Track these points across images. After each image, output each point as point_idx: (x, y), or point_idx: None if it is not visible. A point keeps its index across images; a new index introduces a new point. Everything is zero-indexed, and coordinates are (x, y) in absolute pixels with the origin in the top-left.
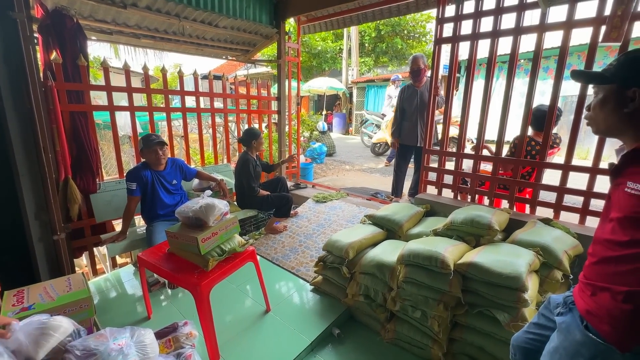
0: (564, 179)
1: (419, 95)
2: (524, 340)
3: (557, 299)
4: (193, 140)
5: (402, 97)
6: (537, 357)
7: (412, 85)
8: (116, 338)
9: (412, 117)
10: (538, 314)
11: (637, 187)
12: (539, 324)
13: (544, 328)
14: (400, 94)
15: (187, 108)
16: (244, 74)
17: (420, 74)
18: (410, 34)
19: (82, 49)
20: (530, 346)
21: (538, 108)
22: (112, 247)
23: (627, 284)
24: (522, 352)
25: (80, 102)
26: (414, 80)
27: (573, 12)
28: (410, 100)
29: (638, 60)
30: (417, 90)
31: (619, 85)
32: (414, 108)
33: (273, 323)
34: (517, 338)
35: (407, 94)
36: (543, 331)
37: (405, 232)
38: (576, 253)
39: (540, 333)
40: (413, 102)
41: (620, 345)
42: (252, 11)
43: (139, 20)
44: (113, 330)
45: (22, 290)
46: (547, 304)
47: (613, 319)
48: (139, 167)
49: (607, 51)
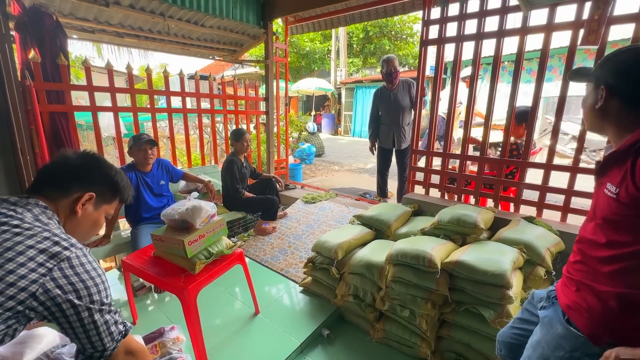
0: (546, 177)
1: (392, 97)
2: (509, 336)
3: (540, 294)
4: (180, 141)
5: (376, 100)
6: (522, 351)
7: (385, 88)
8: None
9: (386, 120)
10: (522, 309)
11: (614, 189)
12: (523, 319)
13: (528, 323)
14: (375, 97)
15: (173, 109)
16: (232, 74)
17: (395, 76)
18: (398, 35)
19: (62, 47)
20: (515, 341)
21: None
22: (96, 251)
23: (607, 285)
24: (507, 347)
25: (60, 103)
26: (387, 83)
27: (553, 15)
28: (385, 103)
29: (609, 60)
30: (390, 93)
31: (595, 83)
32: (389, 111)
33: (262, 325)
34: (503, 334)
35: (381, 96)
36: (527, 326)
37: (393, 231)
38: (558, 250)
39: (524, 328)
40: (388, 105)
41: (595, 338)
42: (239, 11)
43: (122, 19)
44: None
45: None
46: (531, 299)
47: (592, 315)
48: (123, 168)
49: (586, 54)
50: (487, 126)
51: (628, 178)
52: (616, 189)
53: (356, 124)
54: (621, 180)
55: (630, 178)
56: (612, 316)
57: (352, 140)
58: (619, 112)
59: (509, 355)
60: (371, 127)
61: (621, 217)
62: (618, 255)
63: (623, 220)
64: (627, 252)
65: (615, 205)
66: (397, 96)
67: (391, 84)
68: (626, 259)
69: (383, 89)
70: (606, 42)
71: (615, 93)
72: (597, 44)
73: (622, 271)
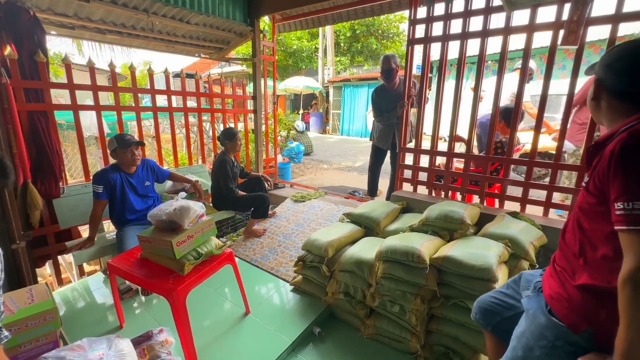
0: (529, 174)
1: (392, 99)
2: (487, 303)
3: (528, 278)
4: (166, 140)
5: (375, 98)
6: (495, 318)
7: (385, 87)
8: (95, 349)
9: (387, 121)
10: (507, 284)
11: (586, 179)
12: (504, 292)
13: (508, 297)
14: (374, 95)
15: (159, 107)
16: (218, 73)
17: (393, 74)
18: (385, 34)
19: (41, 44)
20: (491, 308)
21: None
22: (79, 254)
23: (581, 275)
24: (482, 312)
25: (39, 101)
26: (386, 81)
27: (535, 16)
28: (385, 103)
29: (605, 55)
30: (391, 94)
31: (595, 77)
32: (389, 111)
33: (253, 325)
34: (481, 300)
35: (381, 95)
36: (506, 299)
37: (382, 229)
38: (541, 243)
39: (503, 300)
40: (388, 106)
41: (574, 327)
42: (225, 8)
43: (104, 15)
44: (91, 340)
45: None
46: (518, 279)
47: (571, 304)
48: (107, 169)
49: (566, 54)
50: (472, 125)
51: (596, 169)
52: (587, 179)
53: (344, 123)
54: (591, 172)
55: (598, 169)
56: (587, 306)
57: (340, 138)
58: (607, 104)
59: (482, 319)
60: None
61: (590, 207)
62: (587, 247)
63: (591, 209)
64: (591, 244)
65: (586, 195)
66: (399, 96)
67: (390, 83)
68: (592, 251)
69: (383, 89)
70: (584, 43)
71: (603, 86)
72: (577, 44)
73: (591, 263)
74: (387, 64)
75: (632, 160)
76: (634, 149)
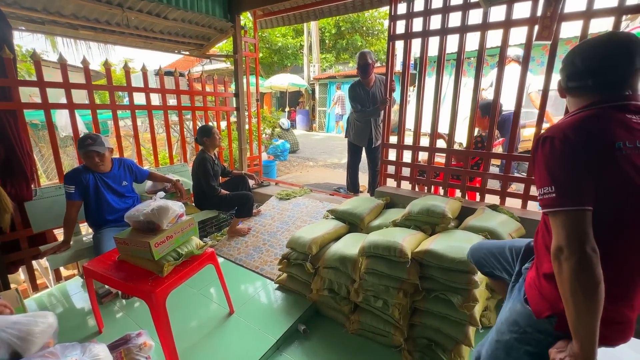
0: (508, 167)
1: (370, 96)
2: (478, 257)
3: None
4: (147, 140)
5: (353, 93)
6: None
7: (362, 84)
8: (67, 355)
9: (362, 118)
10: (503, 249)
11: None
12: (494, 254)
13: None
14: (351, 92)
15: (136, 105)
16: (200, 70)
17: (369, 69)
18: (369, 31)
19: (6, 39)
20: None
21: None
22: (54, 258)
23: (548, 265)
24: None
25: (6, 100)
26: (363, 76)
27: (511, 12)
28: (362, 101)
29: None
30: (369, 91)
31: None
32: (366, 109)
33: (237, 325)
34: (475, 252)
35: (359, 92)
36: (493, 259)
37: (366, 224)
38: (519, 235)
39: (489, 260)
40: (365, 103)
41: (538, 313)
42: (203, 3)
43: (76, 10)
44: (64, 346)
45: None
46: (513, 251)
47: (541, 293)
48: (79, 168)
49: (544, 50)
50: (454, 121)
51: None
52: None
53: (330, 120)
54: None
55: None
56: (553, 293)
57: (326, 136)
58: (567, 97)
59: (475, 264)
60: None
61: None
62: (546, 236)
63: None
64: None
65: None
66: (375, 94)
67: (366, 79)
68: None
69: (359, 86)
70: (558, 39)
71: (562, 80)
72: (551, 40)
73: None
74: (364, 59)
75: (538, 152)
76: (541, 143)
